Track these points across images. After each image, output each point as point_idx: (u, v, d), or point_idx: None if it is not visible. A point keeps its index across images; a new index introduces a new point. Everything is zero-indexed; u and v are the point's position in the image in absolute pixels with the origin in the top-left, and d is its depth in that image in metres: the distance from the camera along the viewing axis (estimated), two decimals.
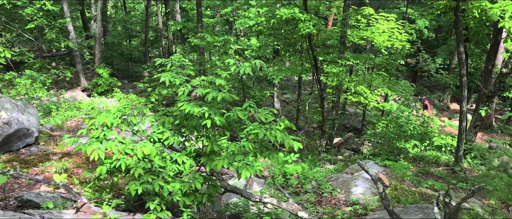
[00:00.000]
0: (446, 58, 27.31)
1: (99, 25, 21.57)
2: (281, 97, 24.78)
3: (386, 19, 13.62)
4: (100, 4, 21.15)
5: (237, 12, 20.81)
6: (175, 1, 22.90)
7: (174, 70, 5.96)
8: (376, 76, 15.22)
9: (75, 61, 21.18)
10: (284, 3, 13.22)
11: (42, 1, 18.65)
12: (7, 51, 11.55)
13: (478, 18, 10.08)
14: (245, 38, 21.66)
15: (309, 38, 12.47)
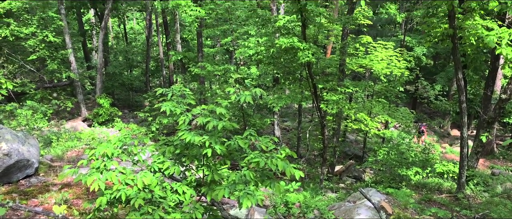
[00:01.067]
0: (445, 85, 27.46)
1: (100, 55, 21.79)
2: (282, 125, 24.78)
3: (385, 47, 13.78)
4: (102, 35, 21.44)
5: (237, 42, 21.09)
6: (176, 31, 23.22)
7: (175, 100, 5.99)
8: (376, 104, 15.27)
9: (76, 92, 21.30)
10: (283, 33, 13.39)
11: (45, 32, 18.93)
12: (9, 83, 11.64)
13: (475, 45, 10.19)
14: (245, 67, 21.85)
15: (308, 66, 12.58)
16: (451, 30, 10.48)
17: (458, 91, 11.29)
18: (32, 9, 19.95)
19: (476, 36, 9.66)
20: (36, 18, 19.38)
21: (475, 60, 13.53)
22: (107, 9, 20.82)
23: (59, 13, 19.86)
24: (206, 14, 18.24)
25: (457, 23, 10.50)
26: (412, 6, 26.89)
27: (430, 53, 28.66)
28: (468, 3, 10.65)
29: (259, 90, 6.02)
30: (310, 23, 13.46)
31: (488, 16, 11.32)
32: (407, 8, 27.38)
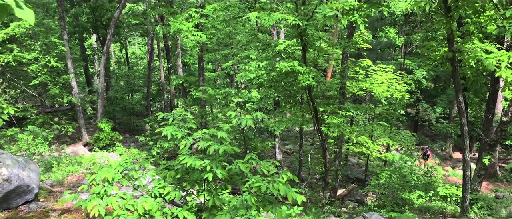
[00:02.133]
0: (446, 108, 27.47)
1: (102, 80, 21.92)
2: (283, 148, 24.70)
3: (385, 70, 13.85)
4: (103, 60, 21.62)
5: (238, 66, 21.22)
6: (178, 56, 23.41)
7: (176, 124, 6.00)
8: (377, 127, 15.25)
9: (78, 116, 21.32)
10: (284, 57, 13.50)
11: (47, 57, 19.10)
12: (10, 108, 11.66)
13: (475, 68, 10.25)
14: (246, 91, 21.93)
15: (309, 89, 12.63)
16: (450, 54, 10.55)
17: (459, 114, 11.28)
18: (35, 34, 20.17)
19: (476, 59, 9.72)
20: (39, 43, 19.58)
21: (475, 83, 13.57)
22: (109, 34, 21.05)
23: (62, 38, 20.07)
24: (207, 39, 18.42)
25: (456, 46, 10.58)
26: (411, 30, 27.14)
27: (430, 76, 28.78)
28: (466, 26, 10.76)
29: (260, 114, 6.03)
30: (310, 47, 13.58)
31: (487, 39, 11.42)
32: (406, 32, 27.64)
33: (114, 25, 20.96)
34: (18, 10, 2.59)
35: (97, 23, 25.52)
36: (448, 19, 9.23)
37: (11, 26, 18.06)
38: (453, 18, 9.02)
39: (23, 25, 18.13)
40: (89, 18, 25.54)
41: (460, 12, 8.97)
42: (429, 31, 14.19)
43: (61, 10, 19.64)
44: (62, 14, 19.71)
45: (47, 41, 19.91)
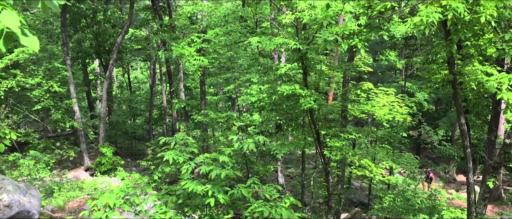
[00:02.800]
0: (448, 130, 27.40)
1: (104, 105, 22.01)
2: (285, 172, 24.56)
3: (386, 93, 13.89)
4: (106, 84, 21.76)
5: (240, 89, 21.33)
6: (180, 80, 23.55)
7: (178, 148, 5.99)
8: (380, 150, 15.20)
9: (79, 141, 21.32)
10: (285, 80, 13.57)
11: (50, 83, 19.23)
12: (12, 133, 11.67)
13: (476, 90, 10.26)
14: (248, 114, 21.97)
15: (310, 113, 12.65)
16: (451, 76, 10.59)
17: (462, 136, 11.25)
18: (39, 60, 20.37)
19: (476, 82, 9.75)
20: (42, 69, 19.75)
21: (477, 105, 13.56)
22: (112, 59, 21.25)
23: (65, 63, 20.25)
24: (209, 63, 18.56)
25: (456, 69, 10.63)
26: (412, 53, 27.32)
27: (431, 98, 28.82)
28: (466, 49, 10.84)
29: (262, 137, 6.03)
30: (311, 71, 13.66)
31: (487, 62, 11.48)
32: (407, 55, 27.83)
33: (116, 50, 21.18)
34: (24, 37, 2.64)
35: (100, 49, 25.79)
36: (448, 42, 9.31)
37: (15, 52, 18.26)
38: (453, 41, 9.10)
39: (27, 51, 18.33)
40: (92, 44, 25.82)
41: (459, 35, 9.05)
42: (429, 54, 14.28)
43: (65, 36, 19.88)
44: (66, 40, 19.94)
45: (50, 67, 20.09)
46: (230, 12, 18.70)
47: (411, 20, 6.88)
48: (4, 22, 2.52)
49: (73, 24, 25.89)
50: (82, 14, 24.29)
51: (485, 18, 7.20)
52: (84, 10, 23.88)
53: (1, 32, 2.63)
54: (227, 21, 18.78)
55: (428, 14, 6.60)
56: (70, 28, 26.44)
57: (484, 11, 7.18)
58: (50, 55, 20.44)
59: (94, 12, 24.71)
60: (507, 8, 7.50)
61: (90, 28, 25.39)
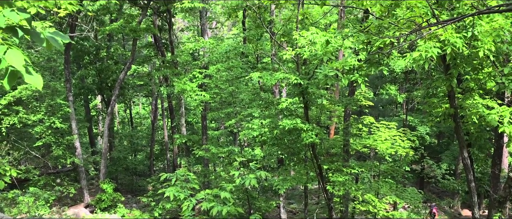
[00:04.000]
0: (451, 163, 27.17)
1: (105, 141, 22.00)
2: (288, 208, 24.21)
3: (387, 127, 13.88)
4: (108, 120, 21.81)
5: (241, 124, 21.35)
6: (181, 115, 23.63)
7: (179, 185, 5.95)
8: (383, 184, 15.05)
9: (80, 177, 21.18)
10: (286, 114, 13.61)
11: (52, 119, 19.29)
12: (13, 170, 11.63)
13: (477, 124, 10.27)
14: (249, 148, 21.87)
15: (312, 147, 12.61)
16: (452, 110, 10.62)
17: (465, 170, 11.16)
18: (41, 96, 20.51)
19: (478, 115, 9.76)
20: (44, 105, 19.86)
21: (479, 139, 13.54)
22: (114, 96, 21.39)
23: (67, 100, 20.38)
24: (210, 98, 18.67)
25: (457, 102, 10.67)
26: (412, 87, 27.48)
27: (433, 132, 28.73)
28: (466, 83, 10.91)
29: (264, 173, 5.99)
30: (312, 105, 13.72)
31: (487, 95, 11.53)
32: (407, 89, 27.98)
33: (119, 86, 21.36)
34: (28, 76, 2.68)
35: (103, 85, 26.02)
36: (448, 76, 9.39)
37: (19, 88, 18.42)
38: (453, 75, 9.18)
39: (30, 88, 18.49)
40: (95, 80, 26.07)
41: (459, 70, 9.14)
42: (430, 88, 14.38)
43: (68, 73, 20.11)
44: (69, 77, 20.16)
45: (52, 103, 20.21)
46: (232, 49, 18.98)
47: (410, 55, 6.96)
48: (9, 61, 2.56)
49: (76, 61, 26.23)
50: (86, 51, 24.65)
51: (483, 52, 7.29)
52: (88, 47, 24.25)
53: (6, 70, 2.67)
54: (229, 57, 19.03)
55: (427, 49, 6.68)
56: (73, 64, 26.76)
57: (482, 46, 7.28)
58: (52, 92, 20.60)
59: (97, 49, 25.09)
60: (504, 43, 7.60)
61: (93, 64, 25.70)
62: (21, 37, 2.87)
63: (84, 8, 14.56)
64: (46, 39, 2.89)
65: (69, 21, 18.34)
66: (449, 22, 5.83)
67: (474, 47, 7.71)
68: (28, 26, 2.91)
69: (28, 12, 2.96)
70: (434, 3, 7.13)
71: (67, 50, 20.17)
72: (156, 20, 23.06)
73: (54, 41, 2.92)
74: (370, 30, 6.37)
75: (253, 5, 14.29)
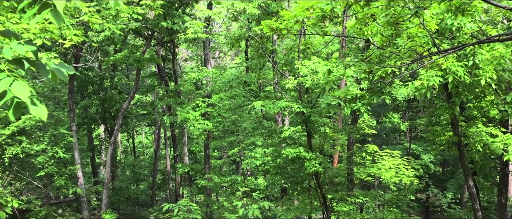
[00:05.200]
0: (457, 192, 26.83)
1: (108, 170, 21.90)
2: None
3: (391, 156, 13.82)
4: (110, 150, 21.78)
5: (244, 153, 21.27)
6: (184, 144, 23.59)
7: (181, 215, 5.89)
8: (388, 213, 14.85)
9: (82, 208, 20.98)
10: (289, 143, 13.57)
11: (55, 149, 19.29)
12: (15, 201, 11.58)
13: (482, 152, 10.20)
14: (252, 178, 21.72)
15: (316, 176, 12.52)
16: (455, 138, 10.58)
17: (471, 199, 11.02)
18: (45, 126, 20.58)
19: (482, 143, 9.72)
20: (47, 135, 19.90)
21: (484, 167, 13.41)
22: (117, 125, 21.44)
23: (70, 129, 20.42)
24: (213, 127, 18.68)
25: (461, 130, 10.64)
26: (415, 115, 27.46)
27: (437, 160, 28.51)
28: (469, 111, 10.91)
29: (267, 203, 5.93)
30: (315, 133, 13.70)
31: (491, 123, 11.50)
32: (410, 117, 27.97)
33: (122, 115, 21.43)
34: (33, 107, 2.70)
35: (106, 114, 26.11)
36: (450, 104, 9.40)
37: (22, 118, 18.52)
38: (455, 103, 9.19)
39: (34, 118, 18.58)
40: (98, 110, 26.18)
41: (461, 98, 9.16)
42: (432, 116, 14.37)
43: (71, 103, 20.23)
44: (72, 106, 20.27)
45: (56, 133, 20.25)
46: (234, 78, 19.12)
47: (412, 83, 7.00)
48: (15, 93, 2.59)
49: (80, 90, 26.43)
50: (90, 81, 24.87)
51: (485, 80, 7.33)
52: (92, 77, 24.47)
53: (11, 101, 2.70)
54: (232, 86, 19.15)
55: (428, 78, 6.72)
56: (77, 94, 26.95)
57: (483, 74, 7.32)
58: (56, 122, 20.68)
59: (101, 79, 25.31)
60: (506, 71, 7.65)
61: (96, 94, 25.88)
62: (27, 69, 2.91)
63: (89, 39, 14.78)
64: (52, 71, 2.93)
65: (74, 52, 18.59)
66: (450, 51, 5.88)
67: (475, 75, 7.75)
68: (34, 58, 2.96)
69: (35, 44, 3.02)
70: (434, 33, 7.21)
71: (71, 80, 20.35)
72: (160, 51, 23.35)
73: (59, 72, 2.96)
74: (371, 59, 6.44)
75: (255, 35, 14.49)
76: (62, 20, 2.76)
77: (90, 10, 10.16)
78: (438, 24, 6.90)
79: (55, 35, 8.54)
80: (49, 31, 8.24)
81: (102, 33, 14.06)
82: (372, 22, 5.67)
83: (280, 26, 6.36)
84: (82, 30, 10.19)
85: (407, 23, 5.64)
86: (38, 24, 7.84)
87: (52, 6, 2.65)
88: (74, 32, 9.01)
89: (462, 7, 5.20)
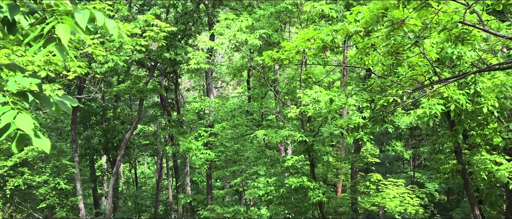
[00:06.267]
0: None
1: (109, 201, 21.71)
2: None
3: (395, 184, 13.71)
4: (112, 181, 21.66)
5: (247, 182, 21.09)
6: (186, 174, 23.46)
7: None
8: None
9: None
10: (292, 172, 13.48)
11: (57, 180, 19.20)
12: None
13: (487, 180, 10.10)
14: (255, 208, 21.46)
15: (320, 206, 12.37)
16: (460, 166, 10.50)
17: None
18: (47, 157, 20.55)
19: (487, 171, 9.64)
20: (50, 166, 19.85)
21: (490, 195, 13.24)
22: (120, 155, 21.39)
23: (73, 160, 20.37)
24: (216, 157, 18.62)
25: (465, 158, 10.57)
26: (418, 143, 27.34)
27: (442, 188, 28.17)
28: (472, 139, 10.87)
29: None
30: (318, 162, 13.62)
31: (495, 151, 11.43)
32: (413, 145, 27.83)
33: (124, 146, 21.41)
34: (36, 139, 2.71)
35: (108, 145, 26.09)
36: (453, 132, 9.38)
37: (25, 150, 18.52)
38: (458, 131, 9.17)
39: (37, 149, 18.58)
40: (101, 140, 26.18)
41: (464, 126, 9.14)
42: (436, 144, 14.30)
43: (74, 134, 20.26)
44: (75, 137, 20.29)
45: (58, 164, 20.21)
46: (237, 107, 19.18)
47: (415, 112, 7.01)
48: (19, 125, 2.60)
49: (83, 121, 26.50)
50: (93, 112, 24.96)
51: (487, 108, 7.34)
52: (95, 108, 24.58)
53: (15, 134, 2.71)
54: (234, 115, 19.18)
55: (430, 106, 6.74)
56: (80, 125, 27.00)
57: (485, 102, 7.34)
58: (58, 153, 20.66)
59: (104, 109, 25.41)
60: (507, 99, 7.66)
61: (99, 125, 25.92)
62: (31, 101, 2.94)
63: (93, 71, 14.94)
64: (55, 103, 2.95)
65: (77, 83, 18.76)
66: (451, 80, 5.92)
67: (477, 103, 7.76)
68: (39, 90, 2.98)
69: (39, 76, 3.05)
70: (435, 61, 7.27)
71: (74, 111, 20.45)
72: (163, 81, 23.53)
73: (63, 105, 2.98)
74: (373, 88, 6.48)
75: (257, 65, 14.63)
76: (67, 53, 2.80)
77: (94, 42, 10.33)
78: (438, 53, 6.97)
79: (59, 67, 8.64)
80: (53, 63, 8.35)
81: (105, 65, 14.22)
82: (372, 51, 5.73)
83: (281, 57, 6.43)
84: (86, 62, 10.32)
85: (407, 53, 5.69)
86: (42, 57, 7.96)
87: (57, 40, 2.70)
88: (78, 64, 9.12)
89: (462, 36, 5.26)
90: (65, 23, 2.66)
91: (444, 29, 5.04)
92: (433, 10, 4.86)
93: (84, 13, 2.70)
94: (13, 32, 2.79)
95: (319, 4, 11.66)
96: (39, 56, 5.51)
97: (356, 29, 5.13)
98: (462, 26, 5.16)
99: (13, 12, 2.64)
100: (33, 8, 2.81)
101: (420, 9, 4.74)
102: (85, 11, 2.70)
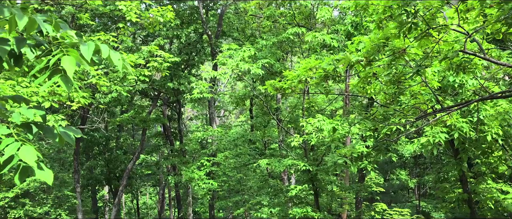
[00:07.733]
0: None
1: None
2: None
3: (401, 214, 13.49)
4: (114, 212, 21.41)
5: (250, 213, 20.81)
6: (189, 205, 23.22)
7: None
8: None
9: None
10: (296, 202, 13.32)
11: (58, 211, 19.01)
12: None
13: (494, 209, 9.95)
14: None
15: None
16: (465, 195, 10.37)
17: None
18: (49, 188, 20.42)
19: (493, 200, 9.51)
20: (51, 197, 19.69)
21: None
22: (122, 186, 21.24)
23: (75, 191, 20.23)
24: (218, 186, 18.47)
25: (470, 187, 10.45)
26: (422, 171, 27.10)
27: (448, 217, 27.73)
28: (477, 167, 10.77)
29: None
30: (322, 192, 13.48)
31: (501, 179, 11.30)
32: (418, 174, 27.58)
33: (127, 176, 21.29)
34: (39, 171, 2.70)
35: (111, 175, 25.95)
36: (458, 160, 9.31)
37: (27, 181, 18.42)
38: (462, 159, 9.10)
39: (39, 180, 18.50)
40: (103, 170, 26.06)
41: (468, 154, 9.08)
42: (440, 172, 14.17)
43: (76, 164, 20.19)
44: (77, 168, 20.21)
45: (60, 195, 20.06)
46: (239, 136, 19.15)
47: (418, 140, 6.98)
48: (22, 157, 2.60)
49: (86, 151, 26.45)
50: (95, 142, 24.94)
51: (491, 136, 7.30)
52: (98, 138, 24.58)
53: (18, 166, 2.70)
54: (237, 144, 19.14)
55: (434, 135, 6.71)
56: (83, 155, 26.94)
57: (489, 130, 7.31)
58: (60, 183, 20.56)
59: (107, 139, 25.40)
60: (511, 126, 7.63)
61: (102, 155, 25.86)
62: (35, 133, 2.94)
63: (96, 101, 15.02)
64: (59, 134, 2.96)
65: (81, 113, 18.83)
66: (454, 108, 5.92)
67: (481, 131, 7.73)
68: (43, 121, 2.99)
69: (43, 108, 3.07)
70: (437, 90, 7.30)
71: (77, 141, 20.44)
72: (166, 110, 23.61)
73: (66, 136, 2.98)
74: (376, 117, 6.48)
75: (260, 94, 14.69)
76: (72, 85, 2.82)
77: (98, 73, 10.42)
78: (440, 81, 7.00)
79: (63, 98, 8.70)
80: (57, 94, 8.41)
81: (109, 95, 14.30)
82: (374, 80, 5.76)
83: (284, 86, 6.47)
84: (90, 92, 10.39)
85: (409, 81, 5.72)
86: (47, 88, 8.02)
87: (63, 72, 2.72)
88: (82, 95, 9.18)
89: (463, 65, 5.30)
90: (71, 55, 2.69)
91: (445, 58, 5.08)
92: (434, 39, 4.91)
93: (89, 45, 2.73)
94: (19, 65, 2.83)
95: (320, 35, 11.80)
96: (44, 88, 5.56)
97: (358, 59, 5.17)
98: (463, 55, 5.20)
99: (20, 45, 2.68)
100: (39, 41, 2.85)
101: (421, 39, 4.79)
102: (90, 44, 2.74)
